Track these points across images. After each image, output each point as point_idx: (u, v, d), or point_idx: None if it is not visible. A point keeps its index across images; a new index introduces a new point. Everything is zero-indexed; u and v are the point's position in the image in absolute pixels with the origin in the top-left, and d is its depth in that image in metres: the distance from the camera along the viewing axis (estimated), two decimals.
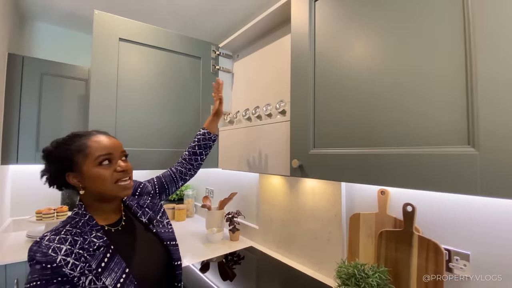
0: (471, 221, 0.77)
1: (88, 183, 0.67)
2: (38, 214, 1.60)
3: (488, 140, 0.47)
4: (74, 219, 0.66)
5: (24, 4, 1.64)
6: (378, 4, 0.68)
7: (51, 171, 0.70)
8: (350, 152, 0.72)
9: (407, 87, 0.61)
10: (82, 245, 0.62)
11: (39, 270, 0.56)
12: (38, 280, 0.56)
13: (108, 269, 0.62)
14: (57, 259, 0.58)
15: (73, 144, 0.68)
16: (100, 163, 0.67)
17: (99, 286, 0.60)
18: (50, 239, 0.60)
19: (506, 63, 0.46)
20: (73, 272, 0.59)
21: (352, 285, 0.80)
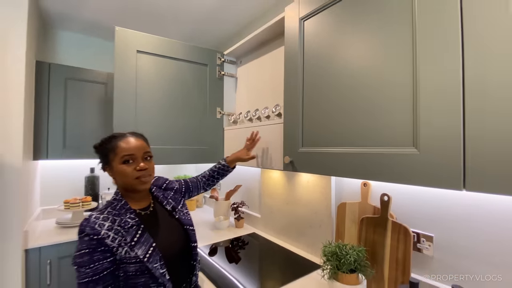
0: (435, 209, 0.91)
1: (116, 176, 0.84)
2: (66, 204, 1.80)
3: (426, 143, 0.62)
4: (112, 204, 0.82)
5: (47, 14, 1.81)
6: (351, 25, 0.82)
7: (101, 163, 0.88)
8: (330, 151, 0.87)
9: (372, 97, 0.75)
10: (119, 223, 0.77)
11: (88, 240, 0.72)
12: (87, 248, 0.71)
13: (139, 243, 0.77)
14: (101, 232, 0.73)
15: (109, 144, 0.84)
16: (124, 162, 0.81)
17: (132, 256, 0.75)
18: (96, 217, 0.76)
19: (440, 75, 0.59)
20: (113, 243, 0.74)
21: (334, 261, 0.96)
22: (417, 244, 0.95)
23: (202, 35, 2.10)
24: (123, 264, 0.75)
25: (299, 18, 0.99)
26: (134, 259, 0.75)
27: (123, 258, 0.74)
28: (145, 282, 0.76)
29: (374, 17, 0.75)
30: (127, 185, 0.84)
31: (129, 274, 0.75)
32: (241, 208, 1.84)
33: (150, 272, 0.76)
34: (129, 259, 0.74)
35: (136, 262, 0.75)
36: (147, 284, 0.76)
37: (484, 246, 0.80)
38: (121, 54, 1.22)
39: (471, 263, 0.82)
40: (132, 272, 0.75)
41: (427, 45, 0.62)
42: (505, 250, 0.76)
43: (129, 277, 0.75)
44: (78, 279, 0.70)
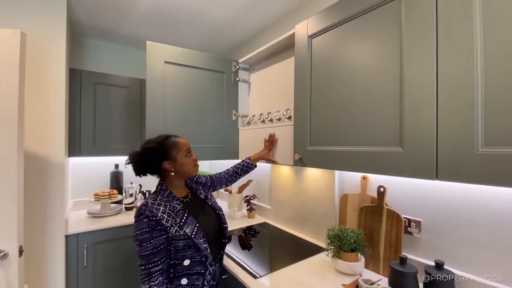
0: (424, 198, 1.07)
1: (178, 167, 1.03)
2: (96, 196, 2.02)
3: (408, 143, 0.79)
4: (160, 193, 1.00)
5: (77, 25, 2.00)
6: (353, 41, 0.98)
7: (151, 161, 1.01)
8: (334, 149, 1.04)
9: (369, 106, 0.92)
10: (169, 208, 0.95)
11: (147, 221, 0.89)
12: (147, 228, 0.89)
13: (186, 223, 0.95)
14: (158, 214, 0.91)
15: (168, 143, 1.03)
16: (186, 154, 1.04)
17: (181, 233, 0.93)
18: (152, 203, 0.93)
19: (419, 86, 0.76)
20: (167, 223, 0.92)
21: (337, 242, 1.14)
22: (408, 228, 1.12)
23: (217, 41, 2.28)
24: (173, 241, 0.93)
25: (307, 36, 1.15)
26: (183, 236, 0.94)
27: (174, 235, 0.93)
28: (191, 254, 0.95)
29: (373, 34, 0.91)
30: (186, 172, 1.06)
31: (178, 248, 0.94)
32: (253, 201, 2.02)
33: (195, 246, 0.95)
34: (178, 236, 0.93)
35: (184, 238, 0.94)
36: (193, 256, 0.96)
37: (464, 228, 0.96)
38: (151, 64, 1.40)
39: (453, 243, 0.99)
40: (181, 246, 0.94)
41: (411, 59, 0.79)
42: (481, 231, 0.92)
43: (178, 251, 0.94)
44: (140, 253, 0.88)
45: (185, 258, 0.95)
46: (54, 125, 1.54)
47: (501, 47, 0.63)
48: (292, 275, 1.12)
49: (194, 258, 0.96)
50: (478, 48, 0.66)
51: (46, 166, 1.51)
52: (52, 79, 1.54)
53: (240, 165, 1.45)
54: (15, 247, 1.13)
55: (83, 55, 2.23)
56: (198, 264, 0.97)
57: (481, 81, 0.66)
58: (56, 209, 1.55)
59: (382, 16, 0.88)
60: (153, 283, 0.87)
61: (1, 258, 1.11)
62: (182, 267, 0.95)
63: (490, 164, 0.63)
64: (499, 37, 0.63)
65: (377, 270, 1.15)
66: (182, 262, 0.95)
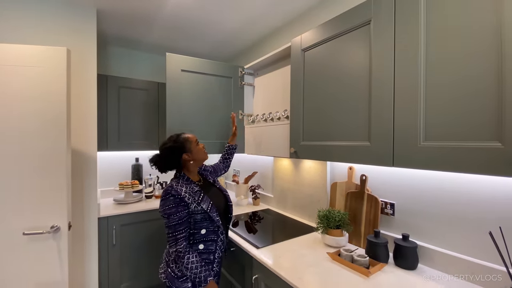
0: (397, 185, 1.30)
1: (195, 155, 1.28)
2: (120, 186, 2.31)
3: (374, 139, 1.02)
4: (181, 178, 1.24)
5: (102, 35, 2.27)
6: (339, 54, 1.20)
7: (172, 157, 1.24)
8: (321, 144, 1.28)
9: (346, 111, 1.15)
10: (189, 189, 1.19)
11: (173, 199, 1.13)
12: (173, 204, 1.12)
13: (203, 200, 1.20)
14: (182, 193, 1.15)
15: (181, 138, 1.27)
16: (197, 144, 1.30)
17: (199, 209, 1.18)
18: (176, 185, 1.17)
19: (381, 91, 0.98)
20: (188, 201, 1.16)
21: (325, 220, 1.38)
22: (384, 209, 1.34)
23: (223, 48, 2.53)
24: (193, 214, 1.18)
25: (301, 49, 1.38)
26: (200, 211, 1.19)
27: (193, 210, 1.18)
28: (206, 225, 1.21)
29: (351, 50, 1.14)
30: (201, 158, 1.32)
31: (196, 220, 1.19)
32: (257, 190, 2.28)
33: (210, 218, 1.21)
34: (197, 211, 1.18)
35: (201, 212, 1.19)
36: (208, 226, 1.21)
37: (427, 208, 1.18)
38: (170, 73, 1.66)
39: (418, 220, 1.21)
40: (199, 219, 1.19)
41: (377, 71, 1.01)
42: (439, 209, 1.14)
43: (196, 222, 1.19)
44: (168, 223, 1.12)
45: (202, 228, 1.20)
46: (88, 124, 1.82)
47: (440, 59, 0.85)
48: (287, 247, 1.37)
49: (209, 228, 1.22)
50: (421, 64, 0.88)
51: (83, 159, 1.80)
52: (85, 85, 1.81)
53: (224, 152, 1.76)
54: (65, 222, 1.42)
55: (107, 61, 2.51)
56: (212, 233, 1.22)
57: (423, 93, 0.88)
58: (91, 195, 1.84)
59: (357, 36, 1.10)
60: (179, 246, 1.11)
61: (55, 231, 1.40)
62: (199, 235, 1.20)
63: (429, 154, 0.86)
64: (438, 56, 0.85)
65: (358, 244, 1.39)
66: (199, 231, 1.20)
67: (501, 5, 0.71)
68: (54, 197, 1.39)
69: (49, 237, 1.39)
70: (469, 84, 0.78)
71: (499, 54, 0.71)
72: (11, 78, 1.32)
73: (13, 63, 1.33)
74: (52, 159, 1.38)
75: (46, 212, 1.39)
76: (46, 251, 1.39)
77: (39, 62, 1.36)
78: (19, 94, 1.33)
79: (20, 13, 1.63)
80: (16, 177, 1.34)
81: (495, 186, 0.98)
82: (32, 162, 1.35)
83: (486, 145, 0.73)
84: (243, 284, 1.43)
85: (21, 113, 1.34)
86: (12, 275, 1.35)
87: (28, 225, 1.36)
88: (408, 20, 0.91)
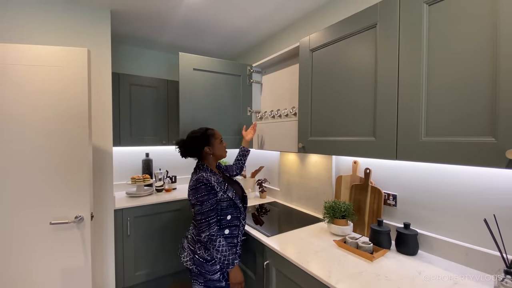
0: (400, 177, 1.38)
1: (216, 151, 1.40)
2: (132, 180, 2.40)
3: (379, 134, 1.10)
4: (206, 170, 1.34)
5: (115, 34, 2.35)
6: (347, 55, 1.28)
7: (196, 146, 1.37)
8: (328, 139, 1.36)
9: (352, 108, 1.23)
10: (216, 180, 1.32)
11: (205, 188, 1.25)
12: (205, 192, 1.24)
13: (228, 189, 1.34)
14: (212, 182, 1.27)
15: (208, 133, 1.40)
16: (221, 142, 1.44)
17: (225, 196, 1.31)
18: (205, 175, 1.28)
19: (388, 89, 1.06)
20: (217, 189, 1.28)
21: (331, 211, 1.47)
22: (387, 200, 1.43)
23: (231, 45, 2.59)
24: (220, 201, 1.31)
25: (309, 49, 1.46)
26: (226, 199, 1.32)
27: (220, 198, 1.30)
28: (231, 212, 1.35)
29: (359, 50, 1.22)
30: (221, 155, 1.44)
31: (223, 207, 1.32)
32: (264, 184, 2.37)
33: (234, 205, 1.35)
34: (223, 199, 1.31)
35: (227, 200, 1.32)
36: (232, 213, 1.35)
37: (428, 199, 1.27)
38: (183, 71, 1.73)
39: (419, 210, 1.30)
40: (225, 206, 1.32)
41: (382, 72, 1.09)
42: (438, 199, 1.23)
43: (223, 209, 1.32)
44: (201, 210, 1.24)
45: (227, 214, 1.33)
46: (105, 122, 1.91)
47: (440, 62, 0.93)
48: (296, 235, 1.47)
49: (233, 214, 1.35)
50: (424, 65, 0.96)
51: (101, 154, 1.89)
52: (101, 83, 1.90)
53: (239, 154, 1.80)
54: (88, 213, 1.52)
55: (119, 59, 2.59)
56: (236, 219, 1.37)
57: (425, 92, 0.96)
58: (108, 188, 1.94)
59: (364, 38, 1.18)
60: (212, 231, 1.24)
61: (79, 221, 1.50)
62: (225, 221, 1.33)
63: (430, 148, 0.94)
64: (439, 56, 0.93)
65: (362, 233, 1.48)
66: (226, 217, 1.33)
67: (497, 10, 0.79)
68: (78, 189, 1.49)
69: (73, 226, 1.49)
70: (467, 85, 0.86)
71: (494, 59, 0.79)
72: (34, 77, 1.41)
73: (37, 63, 1.41)
74: (76, 154, 1.47)
75: (70, 203, 1.48)
76: (71, 240, 1.50)
77: (62, 62, 1.44)
78: (43, 94, 1.42)
79: (38, 16, 1.71)
80: (43, 171, 1.43)
81: (489, 178, 1.06)
82: (57, 157, 1.45)
83: (481, 140, 0.82)
84: (254, 270, 1.53)
85: (47, 111, 1.43)
86: (40, 262, 1.45)
87: (55, 216, 1.46)
88: (411, 24, 0.99)
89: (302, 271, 1.14)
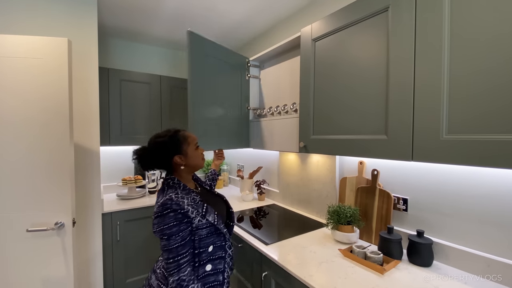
0: (411, 179, 1.26)
1: (189, 160, 1.04)
2: (123, 181, 2.27)
3: (391, 132, 0.97)
4: (176, 187, 0.99)
5: (103, 26, 2.21)
6: (351, 45, 1.15)
7: (162, 156, 1.00)
8: (333, 138, 1.23)
9: (361, 101, 1.10)
10: (191, 200, 0.97)
11: (174, 215, 0.89)
12: (175, 221, 0.89)
13: (208, 212, 0.99)
14: (185, 206, 0.92)
15: (178, 136, 1.04)
16: (196, 148, 1.08)
17: (204, 221, 0.96)
18: (176, 197, 0.93)
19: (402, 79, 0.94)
20: (192, 215, 0.93)
21: (335, 216, 1.34)
22: (397, 205, 1.31)
23: (228, 37, 2.45)
24: (197, 230, 0.95)
25: (311, 39, 1.33)
26: (205, 224, 0.97)
27: (197, 225, 0.95)
28: (213, 240, 1.00)
29: (366, 39, 1.09)
30: (196, 165, 1.08)
31: (202, 237, 0.96)
32: (263, 185, 2.24)
33: (217, 232, 1.00)
34: (202, 225, 0.96)
35: (207, 226, 0.97)
36: (215, 242, 1.00)
37: (444, 203, 1.15)
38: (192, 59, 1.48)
39: (434, 216, 1.18)
40: (204, 234, 0.97)
41: (395, 62, 0.96)
42: (457, 204, 1.11)
43: (202, 239, 0.96)
44: (168, 246, 0.88)
45: (209, 245, 0.98)
46: (91, 119, 1.77)
47: (465, 49, 0.80)
48: (297, 243, 1.34)
49: (216, 244, 1.00)
50: (446, 54, 0.83)
51: (86, 154, 1.76)
52: (87, 78, 1.76)
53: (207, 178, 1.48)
54: (70, 219, 1.39)
55: (108, 54, 2.45)
56: (220, 249, 1.02)
57: (447, 82, 0.83)
58: (95, 191, 1.81)
59: (373, 24, 1.05)
60: (183, 274, 0.88)
61: (59, 228, 1.37)
62: (206, 254, 0.98)
63: (453, 148, 0.82)
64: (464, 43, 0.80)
65: (369, 240, 1.36)
66: (206, 249, 0.98)
67: None
68: (58, 193, 1.36)
69: (53, 233, 1.36)
70: (499, 74, 0.73)
71: None
72: (8, 70, 1.27)
73: (11, 54, 1.27)
74: (55, 155, 1.34)
75: (49, 208, 1.35)
76: (50, 248, 1.36)
77: (39, 53, 1.31)
78: (18, 88, 1.28)
79: (18, 5, 1.57)
80: (18, 174, 1.30)
81: None
82: (34, 158, 1.31)
83: None
84: (251, 280, 1.41)
85: (22, 108, 1.29)
86: (18, 272, 1.32)
87: (33, 222, 1.33)
88: (431, 6, 0.86)
89: (304, 286, 1.01)
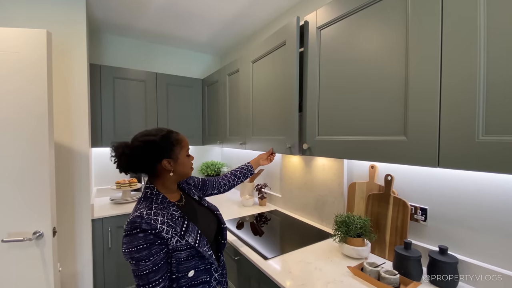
0: (431, 186, 1.10)
1: (178, 167, 0.91)
2: (117, 184, 2.15)
3: (412, 133, 0.82)
4: (153, 198, 0.86)
5: (94, 20, 2.09)
6: (358, 35, 1.00)
7: (149, 157, 0.86)
8: (341, 139, 1.08)
9: (374, 97, 0.95)
10: (167, 217, 0.82)
11: (143, 236, 0.74)
12: (144, 243, 0.74)
13: (188, 231, 0.84)
14: (157, 226, 0.77)
15: (171, 138, 0.90)
16: (187, 154, 0.95)
17: (183, 243, 0.81)
18: (148, 213, 0.79)
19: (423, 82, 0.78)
20: (167, 235, 0.79)
21: (343, 227, 1.19)
22: (414, 215, 1.15)
23: (224, 33, 2.31)
24: (175, 252, 0.82)
25: (316, 27, 1.17)
26: (185, 246, 0.82)
27: (175, 247, 0.81)
28: (194, 264, 0.86)
29: (380, 26, 0.93)
30: (185, 174, 0.95)
31: (180, 260, 0.83)
32: (264, 189, 2.09)
33: (199, 255, 0.86)
34: (180, 247, 0.82)
35: (187, 248, 0.83)
36: (197, 265, 0.86)
37: (469, 215, 0.98)
38: None
39: (458, 230, 1.01)
40: (184, 257, 0.83)
41: (417, 52, 0.81)
42: (486, 218, 0.94)
43: (180, 263, 0.83)
44: (137, 272, 0.76)
45: (189, 269, 0.85)
46: (79, 118, 1.65)
47: (504, 37, 0.64)
48: (300, 257, 1.19)
49: (199, 268, 0.87)
50: (482, 41, 0.67)
51: (73, 156, 1.64)
52: (75, 75, 1.64)
53: (239, 169, 1.40)
54: (49, 228, 1.26)
55: (101, 50, 2.33)
56: (203, 273, 0.89)
57: (483, 73, 0.67)
58: (83, 195, 1.68)
59: (389, 7, 0.89)
60: None
61: (37, 238, 1.24)
62: (186, 279, 0.84)
63: (491, 151, 0.66)
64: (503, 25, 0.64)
65: (383, 255, 1.20)
66: (186, 274, 0.84)
67: None
68: (36, 200, 1.23)
69: (31, 244, 1.24)
70: None
71: None
72: None
73: None
74: (33, 158, 1.21)
75: (27, 216, 1.23)
76: (28, 260, 1.24)
77: (14, 46, 1.18)
78: None
79: None
80: None
81: None
82: (8, 160, 1.19)
83: None
84: None
85: None
86: None
87: (9, 231, 1.21)
88: None
89: None
